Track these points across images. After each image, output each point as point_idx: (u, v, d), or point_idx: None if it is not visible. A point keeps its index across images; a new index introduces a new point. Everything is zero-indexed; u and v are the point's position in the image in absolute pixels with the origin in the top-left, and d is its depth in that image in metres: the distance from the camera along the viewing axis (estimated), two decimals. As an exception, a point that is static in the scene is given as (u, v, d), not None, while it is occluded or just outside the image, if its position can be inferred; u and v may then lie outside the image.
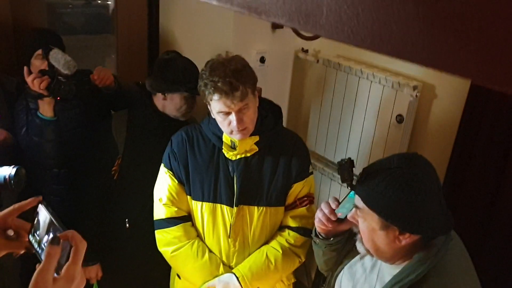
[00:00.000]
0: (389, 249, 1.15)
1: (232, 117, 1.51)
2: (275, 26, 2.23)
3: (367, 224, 1.15)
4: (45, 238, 0.84)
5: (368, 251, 1.20)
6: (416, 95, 1.93)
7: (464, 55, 0.28)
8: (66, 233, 0.79)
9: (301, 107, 2.60)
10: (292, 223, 1.69)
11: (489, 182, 1.76)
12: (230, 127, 1.54)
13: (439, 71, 0.30)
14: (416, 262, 1.13)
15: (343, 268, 1.38)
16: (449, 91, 1.90)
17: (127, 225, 1.97)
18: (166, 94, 1.91)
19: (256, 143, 1.62)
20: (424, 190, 1.07)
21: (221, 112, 1.52)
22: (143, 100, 1.95)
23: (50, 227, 0.84)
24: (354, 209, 1.20)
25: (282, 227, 1.72)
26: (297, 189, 1.68)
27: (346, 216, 1.28)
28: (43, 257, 0.76)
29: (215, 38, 2.30)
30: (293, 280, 1.84)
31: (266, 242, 1.71)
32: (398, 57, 0.33)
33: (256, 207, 1.65)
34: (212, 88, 1.48)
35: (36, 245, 0.85)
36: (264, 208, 1.65)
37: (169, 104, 1.93)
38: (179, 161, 1.69)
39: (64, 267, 0.75)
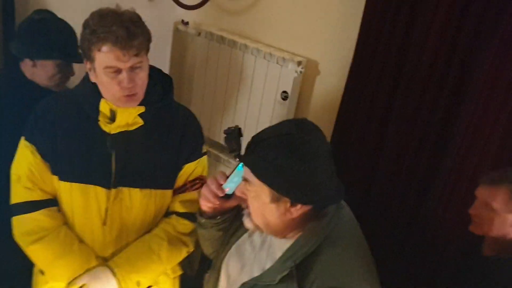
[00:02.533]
0: (280, 223, 1.08)
1: (123, 75, 1.28)
2: (152, -6, 2.04)
3: (256, 198, 1.07)
4: None
5: (257, 227, 1.12)
6: (301, 71, 1.92)
7: None
8: None
9: (183, 84, 2.44)
10: (180, 208, 1.51)
11: (368, 152, 1.83)
12: (118, 89, 1.30)
13: None
14: (308, 233, 1.08)
15: (230, 248, 1.27)
16: (331, 67, 1.92)
17: None
18: (35, 60, 1.64)
19: (141, 115, 1.39)
20: (316, 157, 1.01)
21: (110, 67, 1.27)
22: (7, 67, 1.65)
23: None
24: (243, 182, 1.10)
25: (169, 213, 1.53)
26: (188, 171, 1.50)
27: (234, 192, 1.18)
28: None
29: (86, 8, 2.02)
30: (179, 273, 1.66)
31: (150, 230, 1.52)
32: None
33: (138, 189, 1.43)
34: (104, 34, 1.23)
35: None
36: (149, 190, 1.45)
37: (39, 71, 1.66)
38: (43, 133, 1.40)
39: None
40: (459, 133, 1.60)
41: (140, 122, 1.40)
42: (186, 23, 2.25)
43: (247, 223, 1.14)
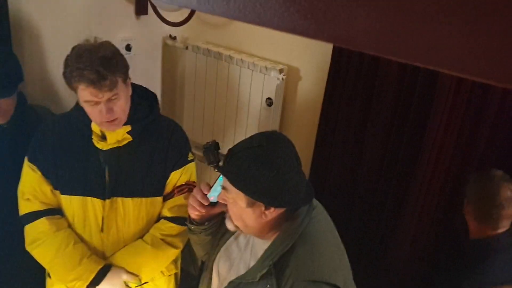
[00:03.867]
0: (257, 225, 1.20)
1: (101, 107, 1.41)
2: (139, 12, 2.16)
3: (234, 203, 1.19)
4: None
5: (237, 228, 1.24)
6: (283, 78, 2.02)
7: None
8: None
9: (175, 96, 2.56)
10: (168, 213, 1.64)
11: (351, 150, 1.93)
12: (99, 117, 1.43)
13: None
14: (283, 234, 1.20)
15: (220, 250, 1.39)
16: (312, 72, 2.03)
17: None
18: None
19: (129, 133, 1.53)
20: (284, 165, 1.12)
21: (88, 101, 1.41)
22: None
23: None
24: (223, 190, 1.22)
25: (159, 218, 1.66)
26: (175, 178, 1.63)
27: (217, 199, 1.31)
28: None
29: (75, 27, 2.15)
30: (174, 271, 1.79)
31: (143, 235, 1.64)
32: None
33: (130, 198, 1.57)
34: (78, 77, 1.36)
35: None
36: (139, 199, 1.58)
37: None
38: (44, 153, 1.54)
39: None
40: (431, 131, 1.70)
41: (129, 138, 1.54)
42: (174, 38, 2.37)
43: (228, 224, 1.26)
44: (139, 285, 1.66)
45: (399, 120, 1.78)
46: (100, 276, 1.57)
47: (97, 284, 1.57)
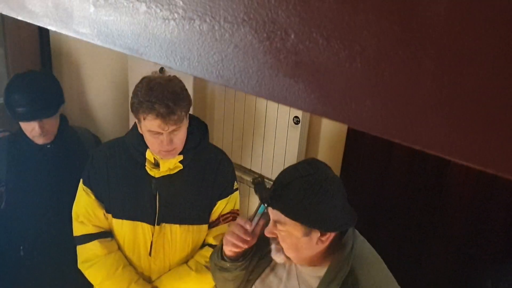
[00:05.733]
0: (312, 252, 1.21)
1: (163, 137, 1.47)
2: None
3: (289, 235, 1.19)
4: None
5: (287, 259, 1.24)
6: (309, 98, 2.07)
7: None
8: None
9: (205, 119, 2.64)
10: (213, 241, 1.68)
11: (378, 170, 1.96)
12: (159, 146, 1.50)
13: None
14: (340, 258, 1.20)
15: (253, 284, 1.38)
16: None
17: (22, 252, 1.87)
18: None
19: (181, 161, 1.59)
20: (334, 189, 1.16)
21: (152, 131, 1.47)
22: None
23: None
24: (271, 223, 1.22)
25: (203, 245, 1.72)
26: (221, 207, 1.67)
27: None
28: None
29: (111, 52, 2.26)
30: None
31: (188, 261, 1.71)
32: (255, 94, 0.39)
33: (178, 225, 1.63)
34: (148, 109, 1.42)
35: None
36: (187, 226, 1.64)
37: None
38: (98, 178, 1.63)
39: None
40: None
41: (180, 166, 1.59)
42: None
43: (278, 257, 1.25)
44: None
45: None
46: None
47: None
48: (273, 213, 1.20)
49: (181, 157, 1.58)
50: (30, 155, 1.81)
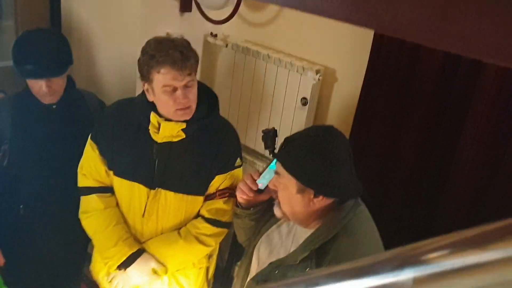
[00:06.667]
0: (304, 212, 1.24)
1: (178, 92, 1.47)
2: (183, 9, 2.23)
3: (285, 189, 1.24)
4: None
5: (284, 215, 1.29)
6: (319, 79, 2.06)
7: None
8: None
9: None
10: (206, 213, 1.69)
11: (384, 155, 1.94)
12: (174, 105, 1.49)
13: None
14: (327, 223, 1.24)
15: (261, 237, 1.45)
16: (348, 74, 2.05)
17: (22, 211, 1.88)
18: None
19: (183, 130, 1.57)
20: (337, 156, 1.18)
21: (168, 86, 1.46)
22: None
23: None
24: (275, 175, 1.28)
25: (197, 216, 1.72)
26: (219, 181, 1.67)
27: (265, 187, 1.37)
28: None
29: (122, 20, 2.24)
30: (205, 265, 1.84)
31: (180, 228, 1.71)
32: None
33: (173, 193, 1.63)
34: (163, 58, 1.42)
35: None
36: (181, 195, 1.64)
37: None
38: (104, 134, 1.65)
39: None
40: (467, 136, 1.69)
41: (182, 135, 1.58)
42: (215, 36, 2.43)
43: (277, 211, 1.31)
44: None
45: (434, 125, 1.78)
46: (130, 260, 1.66)
47: (127, 267, 1.66)
48: (277, 165, 1.25)
49: (183, 125, 1.56)
50: (35, 114, 1.80)
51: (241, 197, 1.42)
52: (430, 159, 1.82)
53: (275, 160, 1.31)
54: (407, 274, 0.39)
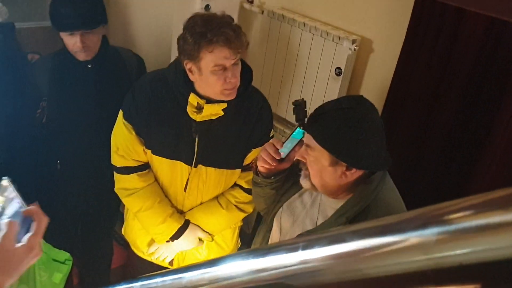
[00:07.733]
0: (335, 184, 1.24)
1: (228, 72, 1.44)
2: (221, -26, 2.21)
3: (316, 161, 1.22)
4: (8, 211, 0.85)
5: (313, 187, 1.28)
6: (355, 49, 2.02)
7: None
8: (30, 209, 0.84)
9: (245, 60, 2.61)
10: (244, 184, 1.76)
11: (418, 129, 1.91)
12: (223, 85, 1.47)
13: None
14: (359, 195, 1.23)
15: (281, 206, 1.45)
16: (385, 46, 2.00)
17: (59, 166, 1.95)
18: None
19: (224, 109, 1.58)
20: (371, 128, 1.16)
21: (219, 66, 1.42)
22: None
23: (12, 202, 0.85)
24: (303, 147, 1.26)
25: (234, 185, 1.80)
26: (255, 153, 1.71)
27: (286, 156, 1.36)
28: (3, 227, 0.79)
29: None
30: (239, 224, 1.95)
31: (218, 197, 1.79)
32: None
33: (213, 168, 1.68)
34: (216, 36, 1.36)
35: None
36: (221, 170, 1.70)
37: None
38: (140, 114, 1.63)
39: (26, 237, 0.80)
40: (507, 108, 1.64)
41: (221, 113, 1.59)
42: (251, 2, 2.41)
43: (304, 183, 1.29)
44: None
45: (470, 101, 1.73)
46: (179, 233, 1.75)
47: (176, 239, 1.75)
48: (307, 137, 1.23)
49: (225, 105, 1.56)
50: (72, 72, 1.85)
51: (262, 165, 1.39)
52: (465, 133, 1.78)
53: (298, 129, 1.29)
54: (430, 232, 0.40)
